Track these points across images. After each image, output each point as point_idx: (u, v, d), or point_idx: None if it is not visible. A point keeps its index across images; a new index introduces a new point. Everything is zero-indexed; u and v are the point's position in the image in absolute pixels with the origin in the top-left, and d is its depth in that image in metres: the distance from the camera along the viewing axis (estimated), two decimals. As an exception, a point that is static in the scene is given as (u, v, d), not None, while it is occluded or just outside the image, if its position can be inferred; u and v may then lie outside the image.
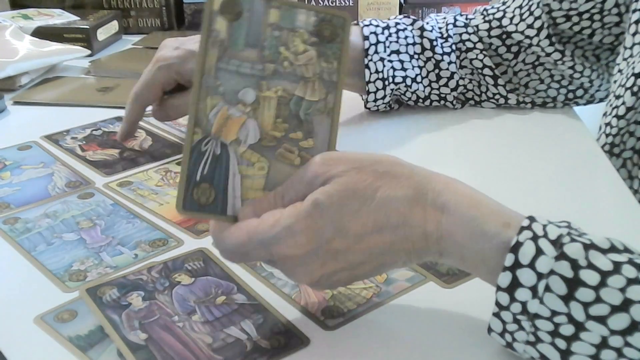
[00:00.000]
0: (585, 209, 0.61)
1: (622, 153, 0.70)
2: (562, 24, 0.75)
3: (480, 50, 0.77)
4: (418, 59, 0.76)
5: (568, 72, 0.77)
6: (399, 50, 0.76)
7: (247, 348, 0.45)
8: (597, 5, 0.73)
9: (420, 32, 0.77)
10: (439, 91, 0.78)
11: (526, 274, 0.39)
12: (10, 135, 0.79)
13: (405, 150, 0.73)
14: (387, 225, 0.42)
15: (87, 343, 0.46)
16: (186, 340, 0.46)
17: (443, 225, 0.42)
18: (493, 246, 0.41)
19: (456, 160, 0.71)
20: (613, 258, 0.38)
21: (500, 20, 0.78)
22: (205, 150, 0.44)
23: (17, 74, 0.94)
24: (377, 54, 0.74)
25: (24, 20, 1.12)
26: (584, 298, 0.37)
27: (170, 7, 1.24)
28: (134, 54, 1.10)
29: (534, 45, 0.76)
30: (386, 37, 0.75)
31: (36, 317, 0.48)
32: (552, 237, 0.39)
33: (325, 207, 0.42)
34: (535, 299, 0.39)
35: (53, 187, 0.67)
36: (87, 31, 1.10)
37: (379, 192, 0.42)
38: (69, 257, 0.55)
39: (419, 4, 1.25)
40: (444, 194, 0.43)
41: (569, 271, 0.38)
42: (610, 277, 0.37)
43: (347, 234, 0.42)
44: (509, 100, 0.80)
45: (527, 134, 0.76)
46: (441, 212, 0.42)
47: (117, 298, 0.50)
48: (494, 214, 0.42)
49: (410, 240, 0.43)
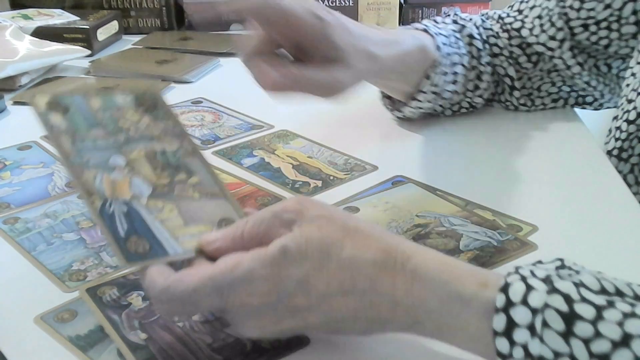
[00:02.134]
0: (586, 210, 0.61)
1: (630, 158, 0.69)
2: (580, 34, 0.73)
3: (506, 57, 0.76)
4: (465, 69, 0.74)
5: (582, 86, 0.77)
6: (456, 62, 0.72)
7: (247, 348, 0.45)
8: (615, 13, 0.71)
9: (469, 40, 0.74)
10: (472, 100, 0.77)
11: (520, 312, 0.36)
12: (10, 135, 0.79)
13: (405, 152, 0.73)
14: (353, 289, 0.39)
15: (87, 343, 0.46)
16: (186, 340, 0.46)
17: (414, 292, 0.39)
18: (472, 310, 0.38)
19: (457, 161, 0.71)
20: (605, 297, 0.36)
21: (519, 31, 0.76)
22: (112, 212, 0.44)
23: (17, 74, 0.94)
24: (441, 67, 0.70)
25: (24, 20, 1.12)
26: (584, 334, 0.35)
27: (170, 7, 1.24)
28: (134, 54, 1.10)
29: (556, 57, 0.75)
30: (450, 46, 0.72)
31: (36, 317, 0.48)
32: (540, 276, 0.37)
33: (292, 256, 0.39)
34: (534, 338, 0.35)
35: (53, 187, 0.67)
36: (87, 31, 1.10)
37: (345, 250, 0.40)
38: (69, 257, 0.55)
39: (419, 4, 1.25)
40: (414, 258, 0.40)
41: (564, 305, 0.35)
42: (606, 310, 0.35)
43: (309, 291, 0.39)
44: (520, 108, 0.79)
45: (528, 136, 0.76)
46: (411, 278, 0.39)
47: (117, 298, 0.50)
48: (468, 275, 0.39)
49: (376, 308, 0.40)
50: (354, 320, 0.41)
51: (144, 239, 0.44)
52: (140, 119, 0.51)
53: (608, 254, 0.54)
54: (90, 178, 0.46)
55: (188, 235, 0.45)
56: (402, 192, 0.64)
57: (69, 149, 0.47)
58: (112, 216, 0.44)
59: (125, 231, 0.44)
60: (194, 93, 0.92)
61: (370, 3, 1.23)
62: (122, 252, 0.43)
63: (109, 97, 0.52)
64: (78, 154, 0.47)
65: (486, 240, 0.56)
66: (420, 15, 1.26)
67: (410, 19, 1.26)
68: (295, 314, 0.40)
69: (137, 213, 0.45)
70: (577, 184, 0.66)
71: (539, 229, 0.58)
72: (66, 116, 0.49)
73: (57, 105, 0.49)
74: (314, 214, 0.41)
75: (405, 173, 0.68)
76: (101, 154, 0.48)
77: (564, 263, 0.40)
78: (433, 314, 0.39)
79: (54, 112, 0.48)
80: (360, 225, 0.42)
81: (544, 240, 0.56)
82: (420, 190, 0.65)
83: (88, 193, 0.45)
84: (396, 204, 0.62)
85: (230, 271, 0.40)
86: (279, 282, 0.39)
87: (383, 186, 0.65)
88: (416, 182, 0.66)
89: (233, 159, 0.72)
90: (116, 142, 0.49)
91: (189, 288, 0.40)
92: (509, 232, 0.57)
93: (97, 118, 0.50)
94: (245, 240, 0.42)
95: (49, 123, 0.48)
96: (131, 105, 0.52)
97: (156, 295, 0.41)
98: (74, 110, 0.49)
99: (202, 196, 0.49)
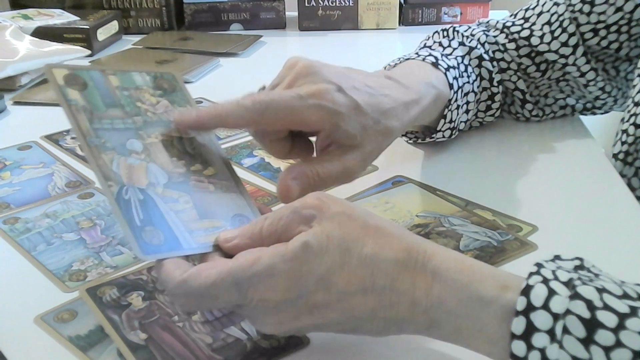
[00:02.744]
0: (586, 210, 0.61)
1: (635, 162, 0.68)
2: (590, 39, 0.72)
3: (515, 71, 0.74)
4: (475, 94, 0.71)
5: (596, 94, 0.75)
6: (467, 91, 0.69)
7: (247, 348, 0.45)
8: (626, 16, 0.69)
9: (478, 62, 0.71)
10: (483, 119, 0.75)
11: (541, 317, 0.35)
12: (10, 135, 0.79)
13: (405, 152, 0.73)
14: (373, 287, 0.39)
15: (87, 343, 0.46)
16: (186, 340, 0.46)
17: (434, 293, 0.39)
18: (492, 312, 0.37)
19: (457, 161, 0.71)
20: (628, 303, 0.35)
21: (528, 40, 0.73)
22: (128, 199, 0.43)
23: (17, 74, 0.94)
24: (455, 102, 0.67)
25: (24, 20, 1.12)
26: (604, 342, 0.34)
27: (170, 7, 1.24)
28: (134, 54, 1.10)
29: (570, 64, 0.72)
30: (461, 77, 0.68)
31: (36, 317, 0.48)
32: (563, 279, 0.36)
33: (313, 252, 0.39)
34: (554, 343, 0.35)
35: (53, 187, 0.67)
36: (87, 31, 1.10)
37: (366, 248, 0.39)
38: (69, 257, 0.55)
39: (419, 4, 1.25)
40: (435, 258, 0.40)
41: (586, 312, 0.35)
42: (628, 319, 0.34)
43: (330, 288, 0.39)
44: (531, 120, 0.78)
45: (528, 136, 0.76)
46: (432, 278, 0.39)
47: (117, 298, 0.50)
48: (489, 277, 0.39)
49: (395, 307, 0.39)
50: (371, 319, 0.40)
51: (159, 230, 0.42)
52: (157, 101, 0.50)
53: (608, 254, 0.54)
54: (108, 161, 0.44)
55: (202, 229, 0.44)
56: (402, 192, 0.64)
57: (86, 128, 0.45)
58: (128, 203, 0.43)
59: (142, 221, 0.42)
60: (194, 93, 0.90)
61: (370, 3, 1.23)
62: (139, 242, 0.41)
63: (127, 76, 0.50)
64: (95, 135, 0.45)
65: (486, 240, 0.56)
66: (421, 15, 1.26)
67: (410, 19, 1.26)
68: (313, 311, 0.40)
69: (153, 202, 0.44)
70: (577, 184, 0.66)
71: (539, 229, 0.58)
72: (84, 92, 0.47)
73: (76, 80, 0.47)
74: (335, 210, 0.41)
75: (405, 173, 0.68)
76: (118, 136, 0.46)
77: (584, 263, 0.39)
78: (452, 315, 0.39)
79: (72, 87, 0.46)
80: (381, 223, 0.41)
81: (544, 240, 0.56)
82: (420, 190, 0.65)
83: (105, 177, 0.43)
84: (396, 204, 0.62)
85: (250, 266, 0.39)
86: (300, 278, 0.39)
87: (383, 186, 0.65)
88: (416, 182, 0.66)
89: (233, 159, 0.72)
90: (133, 124, 0.47)
91: (207, 282, 0.39)
92: (509, 232, 0.57)
93: (115, 97, 0.48)
94: (264, 237, 0.42)
95: (67, 97, 0.46)
96: (149, 85, 0.50)
97: (172, 289, 0.40)
98: (92, 86, 0.47)
99: (217, 189, 0.48)
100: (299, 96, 0.49)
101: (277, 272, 0.39)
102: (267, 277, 0.39)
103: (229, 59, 1.08)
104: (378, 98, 0.54)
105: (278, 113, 0.48)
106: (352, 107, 0.51)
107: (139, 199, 0.43)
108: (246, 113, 0.48)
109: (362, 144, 0.52)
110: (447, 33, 0.74)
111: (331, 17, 1.24)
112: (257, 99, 0.48)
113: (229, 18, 1.25)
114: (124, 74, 0.50)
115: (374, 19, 1.25)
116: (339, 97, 0.50)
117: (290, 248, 0.39)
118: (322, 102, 0.49)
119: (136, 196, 0.43)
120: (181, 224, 0.44)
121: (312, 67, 0.51)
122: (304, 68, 0.51)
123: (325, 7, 1.24)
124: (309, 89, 0.49)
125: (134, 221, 0.42)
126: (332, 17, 1.24)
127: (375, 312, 0.40)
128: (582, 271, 0.39)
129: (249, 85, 0.59)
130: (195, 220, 0.44)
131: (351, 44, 1.19)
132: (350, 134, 0.51)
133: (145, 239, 0.41)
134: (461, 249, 0.55)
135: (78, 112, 0.45)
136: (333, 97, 0.50)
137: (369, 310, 0.40)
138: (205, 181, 0.48)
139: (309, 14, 1.24)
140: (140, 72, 0.51)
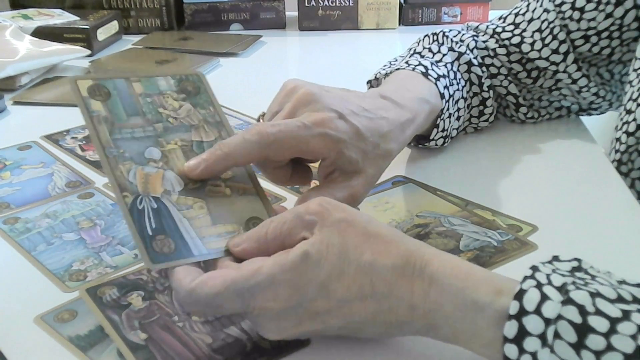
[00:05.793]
0: (586, 210, 0.61)
1: (630, 172, 0.68)
2: (581, 46, 0.71)
3: (505, 76, 0.73)
4: (464, 100, 0.71)
5: (590, 99, 0.74)
6: (457, 98, 0.69)
7: (247, 348, 0.45)
8: (617, 22, 0.69)
9: (467, 68, 0.71)
10: (477, 125, 0.75)
11: (533, 321, 0.36)
12: (10, 135, 0.79)
13: (406, 152, 0.73)
14: (372, 294, 0.40)
15: (87, 343, 0.46)
16: (186, 340, 0.46)
17: (431, 297, 0.40)
18: (486, 317, 0.38)
19: (457, 162, 0.71)
20: (621, 307, 0.35)
21: (519, 47, 0.73)
22: (142, 208, 0.44)
23: (17, 74, 0.94)
24: (447, 111, 0.67)
25: (24, 20, 1.12)
26: (595, 346, 0.35)
27: (170, 7, 1.24)
28: (134, 54, 1.10)
29: (560, 71, 0.72)
30: (451, 85, 0.68)
31: (36, 317, 0.48)
32: (556, 284, 0.37)
33: (312, 262, 0.40)
34: (545, 347, 0.35)
35: (53, 187, 0.67)
36: (87, 31, 1.10)
37: (365, 255, 0.40)
38: (69, 257, 0.55)
39: (419, 4, 1.25)
40: (432, 263, 0.40)
41: (577, 317, 0.35)
42: (620, 323, 0.35)
43: (329, 296, 0.40)
44: (527, 122, 0.78)
45: (528, 136, 0.76)
46: (429, 284, 0.40)
47: (117, 298, 0.50)
48: (484, 282, 0.39)
49: (394, 312, 0.41)
50: (372, 324, 0.41)
51: (170, 238, 0.44)
52: (180, 106, 0.51)
53: (608, 254, 0.54)
54: (125, 172, 0.45)
55: (215, 235, 0.45)
56: (402, 192, 0.64)
57: (106, 140, 0.46)
58: (141, 212, 0.44)
59: (153, 230, 0.43)
60: (194, 93, 0.92)
61: (370, 3, 1.23)
62: (148, 252, 0.42)
63: (152, 81, 0.51)
64: (114, 145, 0.46)
65: (486, 240, 0.56)
66: (421, 15, 1.26)
67: (410, 19, 1.26)
68: (315, 318, 0.41)
69: (166, 210, 0.45)
70: (577, 184, 0.66)
71: (539, 229, 0.58)
72: (107, 103, 0.48)
73: (99, 90, 0.48)
74: (335, 217, 0.42)
75: (405, 173, 0.68)
76: (137, 145, 0.47)
77: (581, 265, 0.40)
78: (449, 319, 0.40)
79: (95, 98, 0.48)
80: (382, 230, 0.42)
81: (544, 240, 0.56)
82: (420, 190, 0.65)
83: (121, 188, 0.44)
84: (396, 204, 0.62)
85: (251, 276, 0.40)
86: (300, 288, 0.40)
87: (383, 186, 0.65)
88: (416, 182, 0.66)
89: (233, 159, 0.72)
90: (154, 132, 0.48)
91: (212, 292, 0.40)
92: (508, 232, 0.57)
93: (138, 105, 0.49)
94: (269, 240, 0.43)
95: (89, 109, 0.47)
96: (173, 89, 0.51)
97: (183, 298, 0.42)
98: (115, 95, 0.49)
99: (233, 192, 0.48)
100: (304, 126, 0.49)
101: (278, 281, 0.40)
102: (267, 287, 0.40)
103: (229, 59, 1.08)
104: (377, 122, 0.54)
105: (285, 144, 0.49)
106: (354, 133, 0.52)
107: (152, 208, 0.45)
108: (254, 148, 0.48)
109: (364, 168, 0.53)
110: (436, 37, 0.74)
111: (331, 17, 1.24)
112: (263, 131, 0.48)
113: (229, 18, 1.25)
114: (149, 79, 0.51)
115: (374, 19, 1.25)
116: (341, 125, 0.51)
117: (290, 258, 0.40)
118: (326, 131, 0.50)
119: (150, 205, 0.45)
120: (193, 230, 0.45)
121: (312, 94, 0.52)
122: (305, 95, 0.52)
123: (325, 7, 1.24)
124: (312, 118, 0.50)
125: (146, 230, 0.43)
126: (332, 17, 1.24)
127: (376, 317, 0.41)
128: (579, 273, 0.39)
129: (248, 85, 0.59)
130: (208, 226, 0.45)
131: (351, 44, 1.19)
132: (352, 160, 0.52)
133: (156, 248, 0.43)
134: (461, 249, 0.55)
135: (99, 124, 0.47)
136: (336, 125, 0.51)
137: (369, 315, 0.41)
138: (222, 185, 0.48)
139: (309, 14, 1.24)
140: (164, 76, 0.52)
